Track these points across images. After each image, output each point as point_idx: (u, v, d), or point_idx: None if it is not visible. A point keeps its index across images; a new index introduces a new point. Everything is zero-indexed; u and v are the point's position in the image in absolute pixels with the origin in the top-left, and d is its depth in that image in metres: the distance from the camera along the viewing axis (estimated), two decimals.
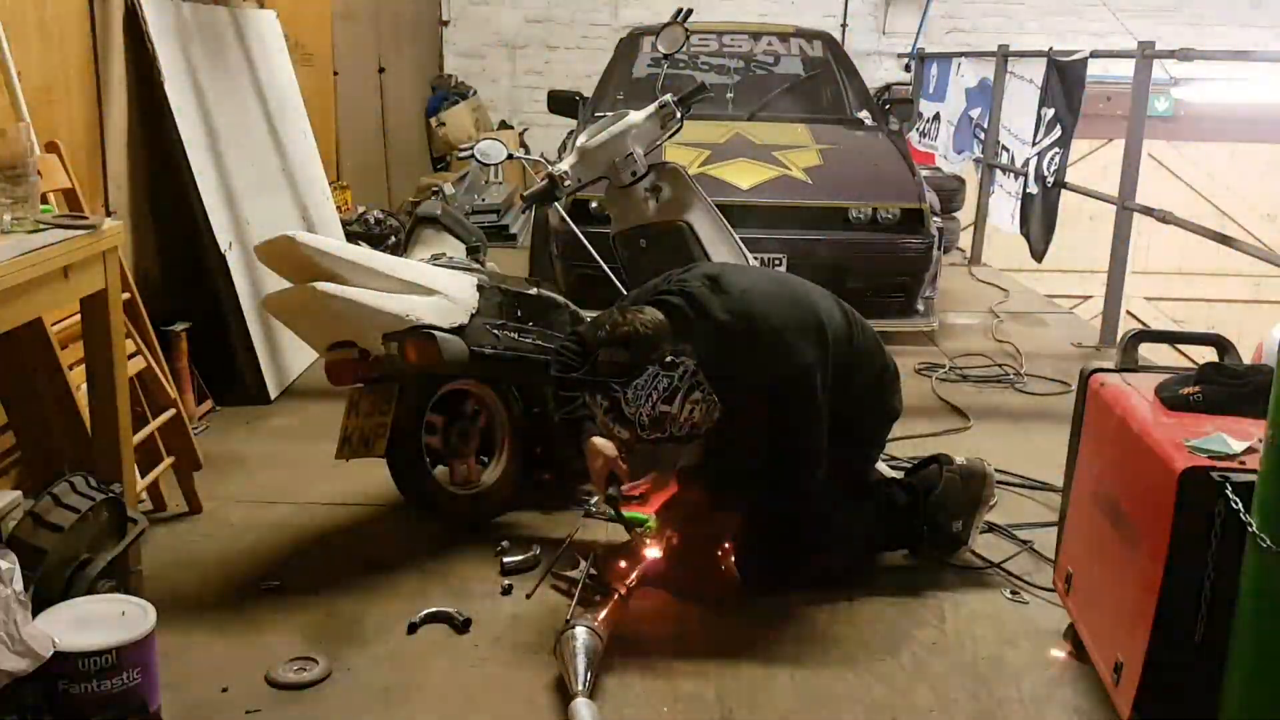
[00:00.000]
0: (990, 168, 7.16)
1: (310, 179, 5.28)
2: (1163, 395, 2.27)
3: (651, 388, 2.50)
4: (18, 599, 1.95)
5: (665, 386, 2.51)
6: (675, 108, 3.66)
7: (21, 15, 3.31)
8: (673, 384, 2.51)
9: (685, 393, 2.53)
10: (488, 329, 3.05)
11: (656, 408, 2.52)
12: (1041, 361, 5.03)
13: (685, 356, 2.52)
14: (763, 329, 2.59)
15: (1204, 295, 10.92)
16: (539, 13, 10.64)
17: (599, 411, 2.59)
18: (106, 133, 3.86)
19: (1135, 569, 2.09)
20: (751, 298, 2.64)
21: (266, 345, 4.32)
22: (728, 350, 2.57)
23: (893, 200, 5.02)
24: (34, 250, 2.22)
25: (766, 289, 2.73)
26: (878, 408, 2.93)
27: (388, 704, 2.34)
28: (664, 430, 2.56)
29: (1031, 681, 2.47)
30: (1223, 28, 10.44)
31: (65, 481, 2.29)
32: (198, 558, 2.99)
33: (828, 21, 10.33)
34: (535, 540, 3.05)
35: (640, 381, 2.50)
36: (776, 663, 2.50)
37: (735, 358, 2.57)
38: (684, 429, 2.58)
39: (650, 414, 2.52)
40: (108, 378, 2.59)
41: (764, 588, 2.78)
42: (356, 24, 7.52)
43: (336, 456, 3.00)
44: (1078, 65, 5.82)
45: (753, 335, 2.58)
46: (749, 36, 6.75)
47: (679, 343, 2.53)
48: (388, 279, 2.89)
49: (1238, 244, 4.84)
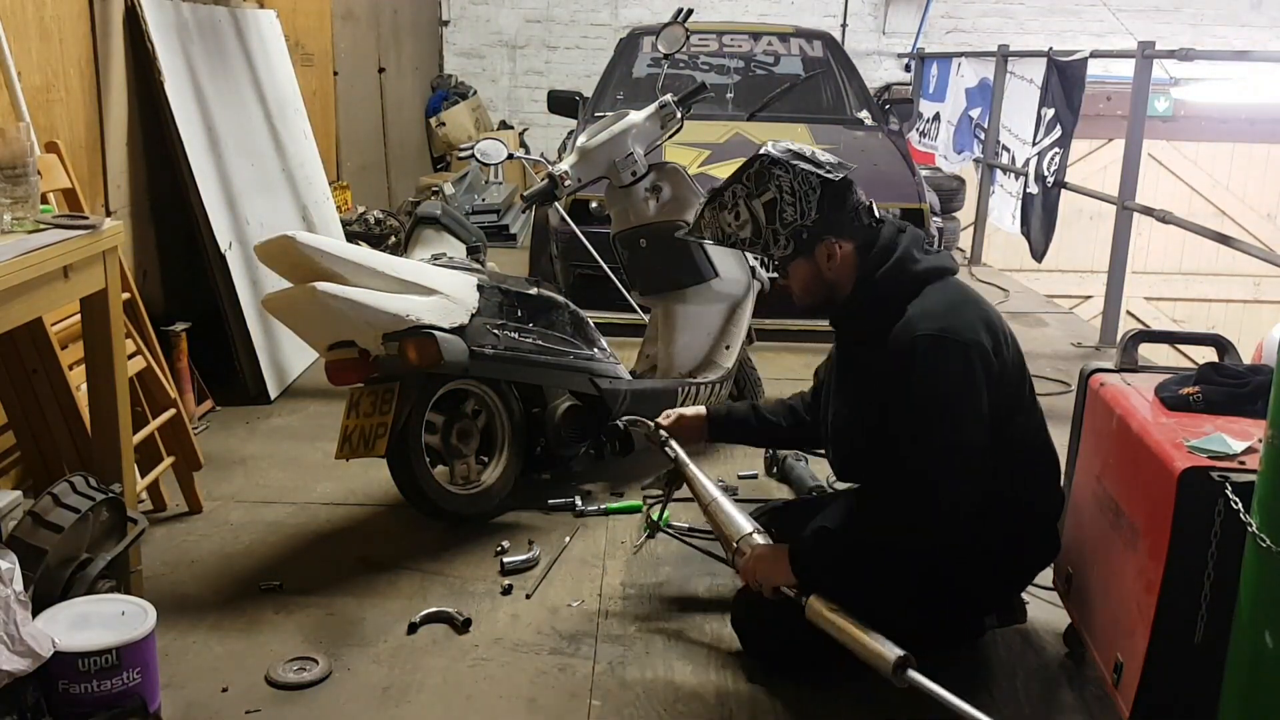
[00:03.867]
0: (990, 168, 7.16)
1: (310, 179, 5.28)
2: (1163, 395, 2.27)
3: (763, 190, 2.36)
4: (18, 599, 1.95)
5: (770, 198, 2.35)
6: (675, 108, 3.66)
7: (21, 15, 3.31)
8: (776, 197, 2.34)
9: (777, 207, 2.35)
10: (488, 329, 3.05)
11: (751, 206, 2.36)
12: (1041, 361, 5.03)
13: (798, 201, 2.33)
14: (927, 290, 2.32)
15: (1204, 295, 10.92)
16: (539, 13, 10.64)
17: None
18: (106, 133, 3.86)
19: (1135, 569, 2.09)
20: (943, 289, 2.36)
21: (266, 345, 4.32)
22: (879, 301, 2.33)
23: (893, 200, 5.02)
24: (34, 250, 2.22)
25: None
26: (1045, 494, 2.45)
27: (387, 704, 2.34)
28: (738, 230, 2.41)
29: (1031, 681, 2.47)
30: (1223, 28, 10.44)
31: (65, 481, 2.29)
32: (198, 558, 2.99)
33: (828, 21, 10.33)
34: (535, 540, 3.05)
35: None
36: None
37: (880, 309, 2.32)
38: (739, 232, 2.42)
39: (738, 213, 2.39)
40: (108, 378, 2.59)
41: (765, 658, 2.49)
42: (356, 24, 7.52)
43: (336, 456, 3.00)
44: (1078, 65, 5.82)
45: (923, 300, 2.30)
46: (749, 36, 6.76)
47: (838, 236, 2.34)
48: (388, 279, 2.89)
49: (1237, 244, 4.84)
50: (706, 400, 3.73)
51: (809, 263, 2.39)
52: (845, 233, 2.37)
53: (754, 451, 3.79)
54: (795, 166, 2.34)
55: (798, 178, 2.34)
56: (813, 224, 2.34)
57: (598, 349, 3.44)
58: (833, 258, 2.37)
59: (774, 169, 2.35)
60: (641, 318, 4.12)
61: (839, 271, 2.38)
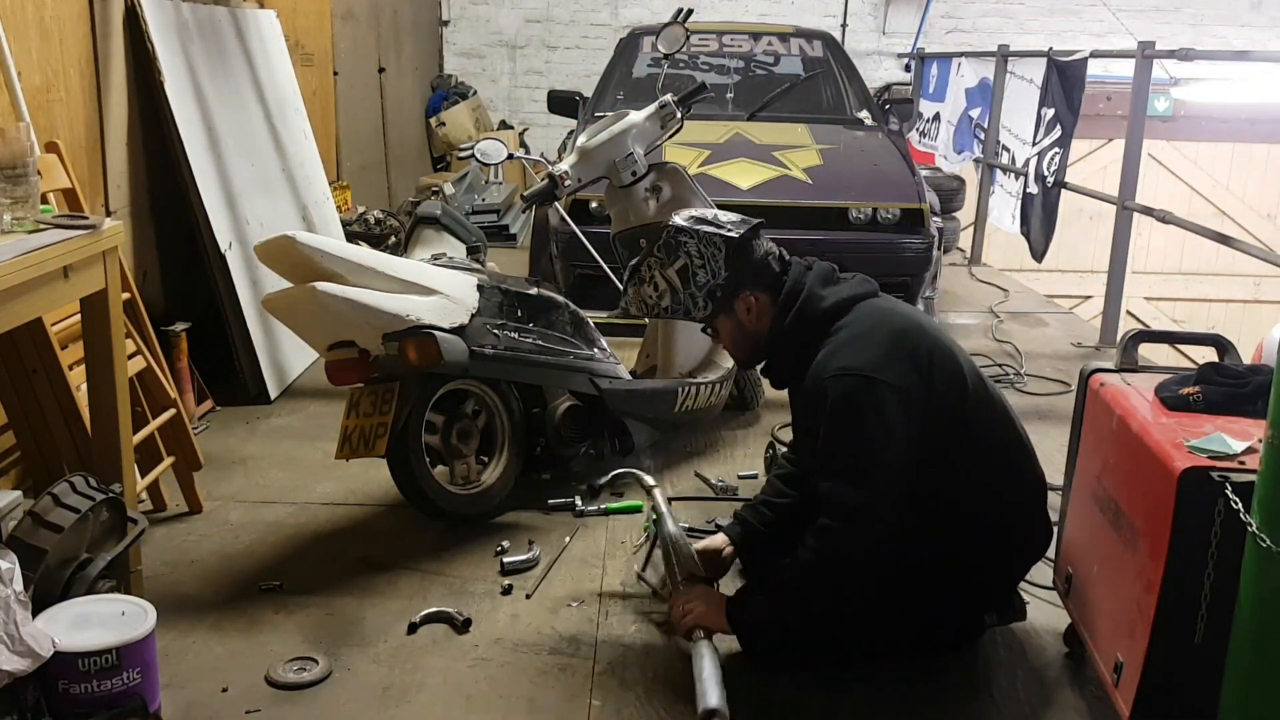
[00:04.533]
0: (990, 168, 7.16)
1: (310, 179, 5.28)
2: (1163, 395, 2.27)
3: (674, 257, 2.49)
4: (18, 599, 1.95)
5: (681, 265, 2.48)
6: (675, 108, 3.66)
7: (21, 15, 3.31)
8: (688, 264, 2.47)
9: (690, 273, 2.47)
10: (488, 329, 3.05)
11: (665, 273, 2.49)
12: (1041, 361, 5.03)
13: (709, 263, 2.46)
14: (851, 321, 2.41)
15: (1204, 295, 10.93)
16: (539, 13, 10.64)
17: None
18: (106, 133, 3.86)
19: (1135, 569, 2.09)
20: (857, 301, 2.46)
21: (266, 345, 4.32)
22: (794, 336, 2.43)
23: (893, 200, 5.02)
24: (34, 250, 2.22)
25: (883, 306, 2.50)
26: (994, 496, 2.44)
27: (387, 704, 2.34)
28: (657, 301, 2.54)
29: (1031, 681, 2.47)
30: (1222, 28, 10.45)
31: (65, 481, 2.29)
32: (198, 558, 2.99)
33: (828, 21, 10.34)
34: (535, 540, 3.05)
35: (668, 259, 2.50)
36: (777, 664, 2.50)
37: (801, 344, 2.42)
38: (659, 304, 2.54)
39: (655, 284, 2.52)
40: (108, 378, 2.59)
41: (765, 652, 2.49)
42: (356, 24, 7.52)
43: (336, 456, 3.00)
44: (1078, 65, 5.82)
45: (832, 332, 2.40)
46: (749, 37, 6.75)
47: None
48: (388, 279, 2.89)
49: (1237, 244, 4.84)
50: (706, 400, 3.73)
51: (731, 319, 2.52)
52: (758, 284, 2.49)
53: (754, 451, 3.79)
54: (699, 231, 2.49)
55: (703, 241, 2.49)
56: (725, 282, 2.47)
57: (598, 349, 3.44)
58: (751, 310, 2.50)
59: (680, 237, 2.50)
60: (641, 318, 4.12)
61: (760, 322, 2.51)
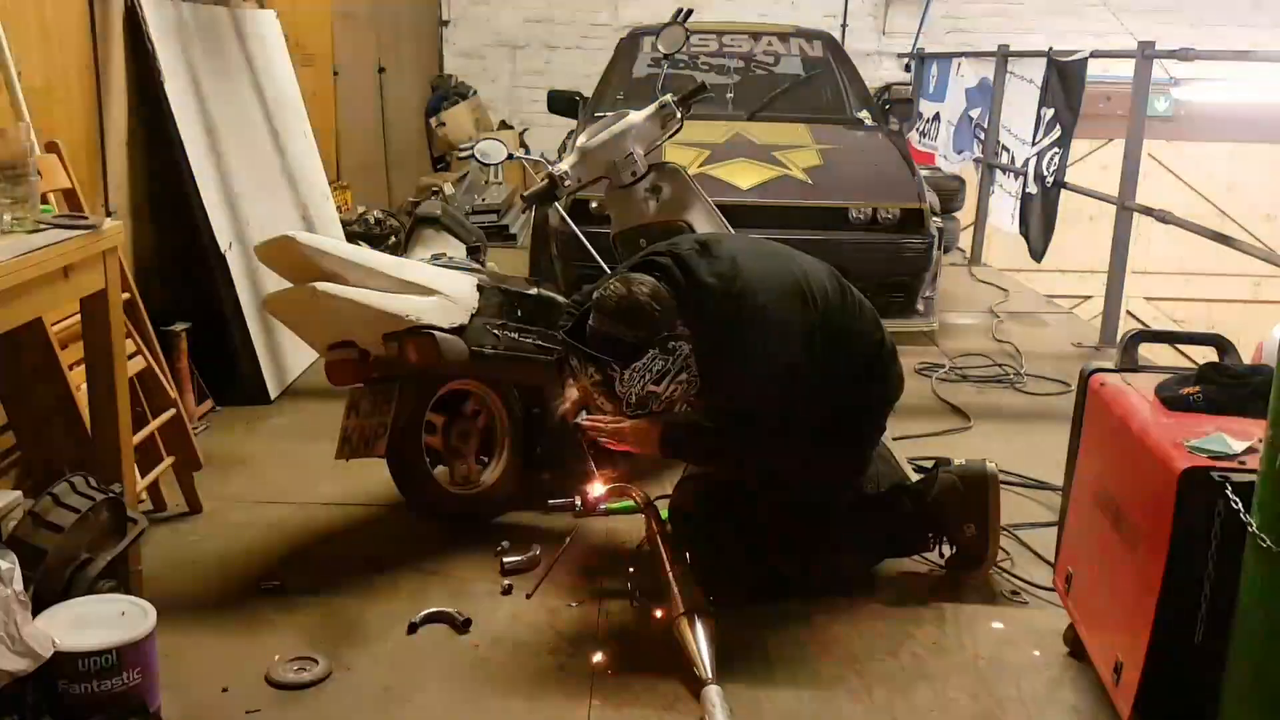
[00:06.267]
0: (990, 168, 7.16)
1: (310, 179, 5.28)
2: (1163, 395, 2.27)
3: (646, 370, 2.51)
4: (18, 599, 1.95)
5: (659, 369, 2.52)
6: (675, 108, 3.66)
7: (21, 15, 3.31)
8: (665, 367, 2.52)
9: (674, 374, 2.53)
10: (488, 329, 3.05)
11: (645, 389, 2.53)
12: (1041, 361, 5.03)
13: (683, 341, 2.52)
14: (748, 290, 2.56)
15: (1204, 295, 10.91)
16: (539, 13, 10.63)
17: (587, 380, 2.63)
18: (106, 133, 3.86)
19: (1135, 569, 2.09)
20: (740, 262, 2.60)
21: (266, 345, 4.32)
22: (714, 315, 2.54)
23: (893, 200, 5.02)
24: (34, 250, 2.22)
25: (755, 252, 2.70)
26: (874, 387, 2.79)
27: (388, 704, 2.34)
28: (645, 407, 2.59)
29: (1031, 681, 2.47)
30: (1223, 28, 10.43)
31: (65, 481, 2.29)
32: (198, 558, 2.99)
33: (828, 21, 10.32)
34: (535, 540, 3.05)
35: (640, 364, 2.50)
36: (776, 663, 2.50)
37: (722, 322, 2.54)
38: (663, 405, 2.59)
39: (639, 394, 2.54)
40: (108, 378, 2.59)
41: (730, 599, 2.65)
42: (356, 24, 7.52)
43: (336, 456, 3.00)
44: (1078, 65, 5.82)
45: (739, 297, 2.55)
46: (749, 36, 6.75)
47: (679, 317, 2.51)
48: (388, 279, 2.89)
49: (1238, 244, 4.84)
50: None
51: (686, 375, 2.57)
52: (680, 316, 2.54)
53: None
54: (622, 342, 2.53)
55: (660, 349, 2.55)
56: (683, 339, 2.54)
57: None
58: (683, 338, 2.53)
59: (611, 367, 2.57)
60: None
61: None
